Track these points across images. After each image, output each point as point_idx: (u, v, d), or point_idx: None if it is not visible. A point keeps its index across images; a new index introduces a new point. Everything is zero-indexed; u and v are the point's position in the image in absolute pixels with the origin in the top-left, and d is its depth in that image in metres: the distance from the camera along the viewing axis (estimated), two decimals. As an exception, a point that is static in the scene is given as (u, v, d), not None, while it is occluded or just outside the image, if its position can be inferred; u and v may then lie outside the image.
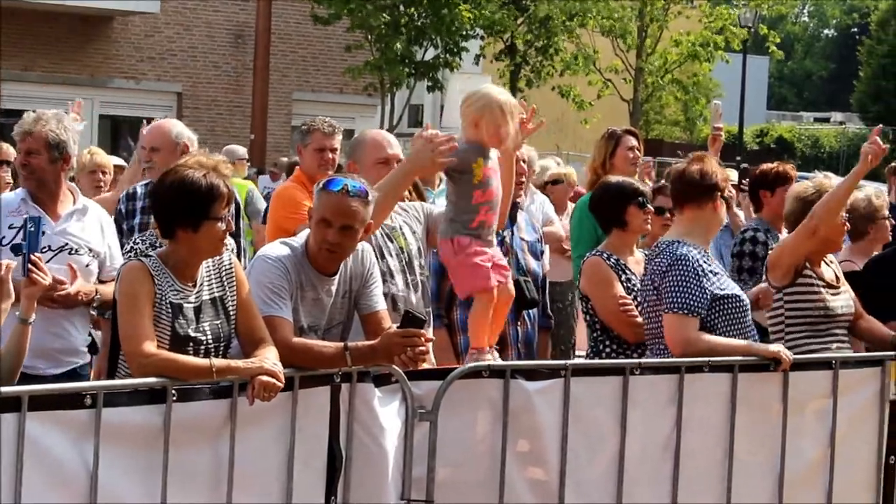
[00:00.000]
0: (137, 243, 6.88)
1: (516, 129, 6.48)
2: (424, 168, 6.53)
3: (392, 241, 6.66)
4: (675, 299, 6.63)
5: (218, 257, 5.73)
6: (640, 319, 7.13)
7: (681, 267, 6.65)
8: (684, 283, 6.62)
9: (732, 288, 6.86)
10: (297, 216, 7.16)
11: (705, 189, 6.86)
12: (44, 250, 6.39)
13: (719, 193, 6.89)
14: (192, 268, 5.65)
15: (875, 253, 8.51)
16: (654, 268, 6.78)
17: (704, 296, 6.64)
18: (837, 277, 7.54)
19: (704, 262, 6.76)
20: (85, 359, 6.97)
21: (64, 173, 6.89)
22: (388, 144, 6.89)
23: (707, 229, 6.99)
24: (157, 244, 6.56)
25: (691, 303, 6.62)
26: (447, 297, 7.26)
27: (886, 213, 8.56)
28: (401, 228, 6.74)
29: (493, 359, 6.49)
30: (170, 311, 5.51)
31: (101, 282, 6.86)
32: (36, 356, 6.20)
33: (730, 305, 6.77)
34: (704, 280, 6.66)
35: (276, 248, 6.05)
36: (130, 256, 6.76)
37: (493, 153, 6.51)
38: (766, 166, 8.83)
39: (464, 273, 6.47)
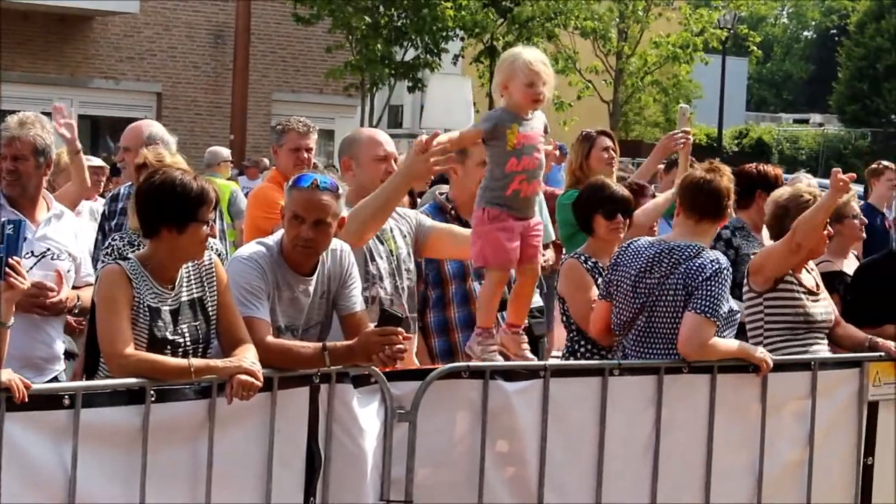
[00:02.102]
0: (115, 240, 6.86)
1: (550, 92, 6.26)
2: (419, 176, 6.40)
3: (382, 244, 6.63)
4: (708, 304, 6.59)
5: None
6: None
7: (722, 277, 6.65)
8: (721, 293, 6.63)
9: (731, 299, 6.93)
10: (274, 216, 7.15)
11: (727, 206, 6.92)
12: (27, 256, 6.31)
13: None
14: (172, 270, 5.63)
15: (852, 251, 8.59)
16: (688, 270, 6.66)
17: (726, 306, 6.71)
18: (817, 284, 7.56)
19: None
20: (62, 365, 6.89)
21: (45, 178, 6.83)
22: (385, 142, 6.88)
23: (712, 236, 7.08)
24: (137, 242, 6.54)
25: (720, 312, 6.63)
26: (420, 301, 7.23)
27: (855, 212, 8.52)
28: (391, 231, 6.70)
29: (519, 342, 6.45)
30: (147, 314, 5.49)
31: (74, 287, 6.75)
32: (22, 366, 5.97)
33: (732, 317, 6.87)
34: (728, 292, 6.74)
35: (251, 248, 6.02)
36: (108, 252, 6.74)
37: (538, 121, 6.31)
38: (766, 166, 8.63)
39: (486, 245, 6.29)
